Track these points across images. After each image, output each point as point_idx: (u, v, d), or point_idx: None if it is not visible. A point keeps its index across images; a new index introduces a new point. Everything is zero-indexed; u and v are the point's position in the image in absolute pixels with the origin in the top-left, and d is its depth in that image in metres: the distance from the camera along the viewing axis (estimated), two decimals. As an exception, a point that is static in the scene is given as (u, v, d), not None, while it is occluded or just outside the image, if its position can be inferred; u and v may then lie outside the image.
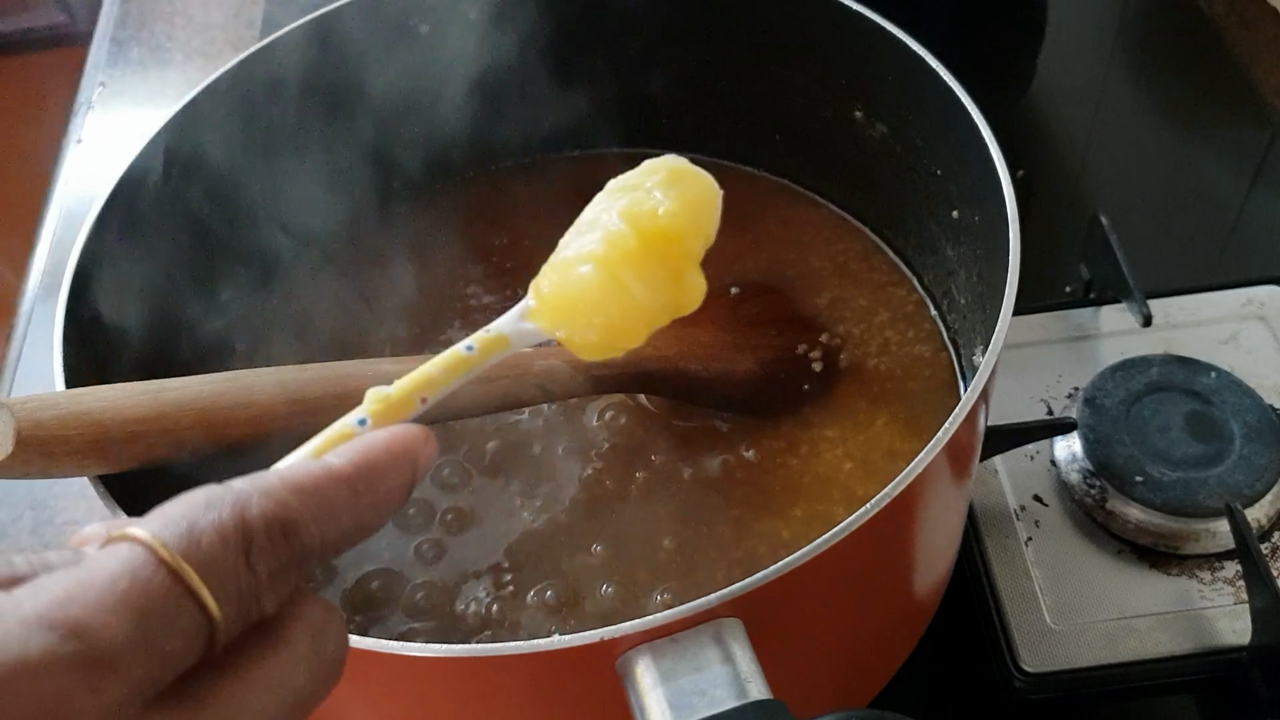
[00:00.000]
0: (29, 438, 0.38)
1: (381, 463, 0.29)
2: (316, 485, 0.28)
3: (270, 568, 0.26)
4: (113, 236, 0.51)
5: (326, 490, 0.28)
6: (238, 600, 0.25)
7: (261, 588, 0.26)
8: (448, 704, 0.43)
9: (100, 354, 0.49)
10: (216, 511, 0.26)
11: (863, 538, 0.38)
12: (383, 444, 0.30)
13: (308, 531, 0.27)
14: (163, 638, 0.24)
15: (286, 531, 0.26)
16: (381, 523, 0.30)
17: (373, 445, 0.30)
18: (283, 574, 0.26)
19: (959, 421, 0.40)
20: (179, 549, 0.25)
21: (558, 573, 0.51)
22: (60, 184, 0.86)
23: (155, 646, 0.24)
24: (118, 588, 0.24)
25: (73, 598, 0.23)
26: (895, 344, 0.60)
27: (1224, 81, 0.86)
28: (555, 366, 0.52)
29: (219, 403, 0.43)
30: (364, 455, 0.29)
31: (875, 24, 0.55)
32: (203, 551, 0.25)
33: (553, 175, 0.69)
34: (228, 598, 0.25)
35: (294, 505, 0.27)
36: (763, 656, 0.36)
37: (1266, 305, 0.67)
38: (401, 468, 0.30)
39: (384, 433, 0.30)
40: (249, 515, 0.26)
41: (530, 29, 0.63)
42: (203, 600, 0.25)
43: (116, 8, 1.01)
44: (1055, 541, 0.58)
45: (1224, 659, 0.54)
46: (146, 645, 0.24)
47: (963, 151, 0.52)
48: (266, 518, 0.26)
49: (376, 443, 0.30)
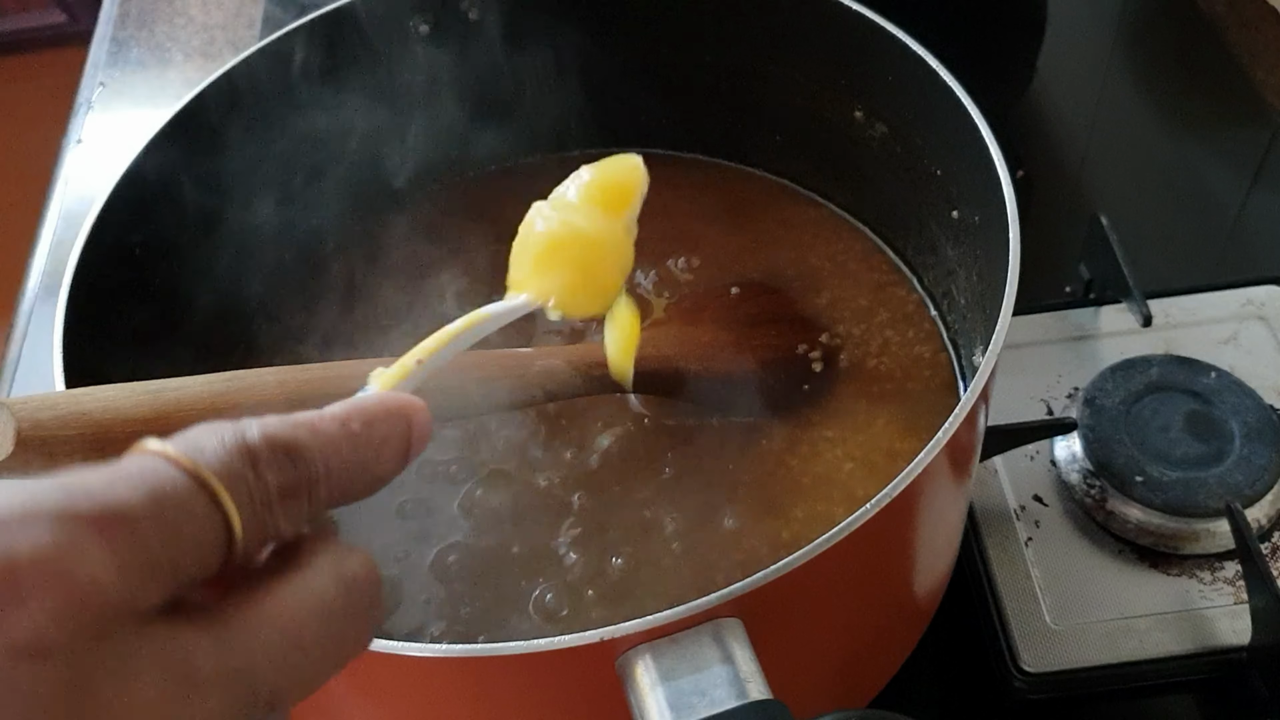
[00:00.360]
0: (29, 437, 0.38)
1: (374, 411, 0.29)
2: (313, 422, 0.28)
3: (279, 481, 0.26)
4: (113, 236, 0.51)
5: (323, 426, 0.28)
6: (251, 507, 0.25)
7: (273, 499, 0.26)
8: (448, 704, 0.43)
9: (100, 354, 0.49)
10: (219, 434, 0.26)
11: (863, 538, 0.38)
12: (375, 399, 0.30)
13: (310, 455, 0.27)
14: (183, 522, 0.24)
15: (289, 452, 0.26)
16: (383, 472, 0.29)
17: (365, 399, 0.30)
18: (293, 494, 0.26)
19: (959, 421, 0.40)
20: (194, 459, 0.25)
21: (557, 574, 0.51)
22: (60, 184, 0.86)
23: (175, 529, 0.23)
24: (136, 476, 0.24)
25: (91, 479, 0.23)
26: (895, 344, 0.60)
27: (1224, 81, 0.86)
28: (555, 366, 0.52)
29: (219, 403, 0.43)
30: (357, 405, 0.29)
31: (875, 24, 0.55)
32: (212, 458, 0.25)
33: (553, 176, 0.69)
34: (242, 503, 0.25)
35: (293, 431, 0.27)
36: (763, 656, 0.36)
37: (1266, 305, 0.67)
38: (395, 420, 0.30)
39: (381, 397, 0.31)
40: (250, 435, 0.26)
41: (530, 31, 0.63)
42: (219, 498, 0.24)
43: (116, 8, 1.01)
44: (1055, 541, 0.58)
45: (1224, 659, 0.54)
46: (166, 526, 0.23)
47: (963, 151, 0.52)
48: (268, 437, 0.26)
49: (369, 398, 0.30)
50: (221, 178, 0.57)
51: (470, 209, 0.68)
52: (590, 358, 0.53)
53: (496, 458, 0.55)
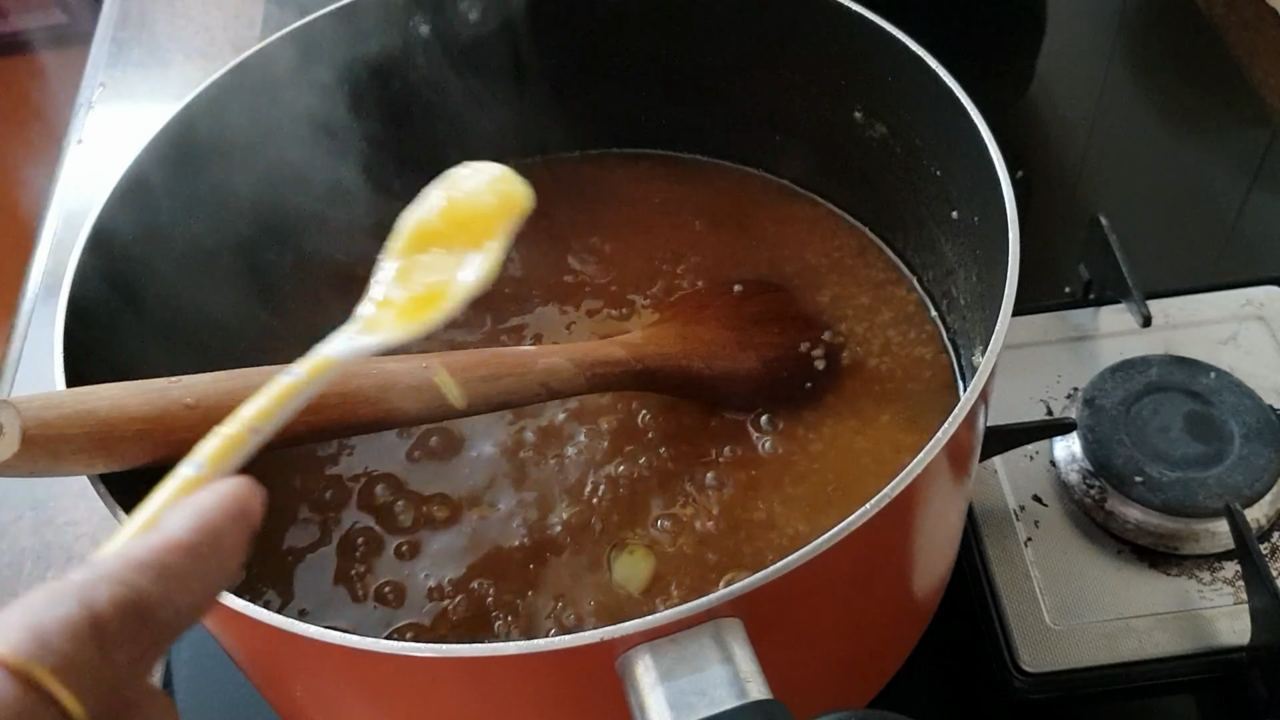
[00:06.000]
0: (34, 436, 0.38)
1: (217, 523, 0.28)
2: (159, 559, 0.27)
3: (130, 655, 0.25)
4: (113, 236, 0.51)
5: (170, 562, 0.27)
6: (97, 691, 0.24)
7: (122, 678, 0.25)
8: (448, 704, 0.43)
9: (101, 354, 0.49)
10: (63, 609, 0.24)
11: (862, 538, 0.38)
12: (215, 504, 0.29)
13: (162, 609, 0.26)
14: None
15: (141, 614, 0.25)
16: (230, 582, 0.29)
17: (206, 508, 0.29)
18: (143, 658, 0.26)
19: (958, 422, 0.40)
20: (28, 654, 0.23)
21: (556, 574, 0.51)
22: (61, 184, 0.86)
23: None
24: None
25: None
26: (896, 344, 0.60)
27: (1224, 81, 0.86)
28: (558, 364, 0.52)
29: (225, 401, 0.43)
30: (199, 519, 0.28)
31: (875, 24, 0.55)
32: (54, 653, 0.24)
33: (553, 175, 0.69)
34: (88, 694, 0.24)
35: (142, 585, 0.26)
36: (763, 656, 0.36)
37: (1266, 305, 0.67)
38: (239, 524, 0.29)
39: (213, 493, 0.29)
40: (97, 606, 0.25)
41: (530, 32, 0.63)
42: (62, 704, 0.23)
43: (116, 8, 1.01)
44: (1055, 542, 0.59)
45: (1223, 659, 0.54)
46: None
47: (962, 152, 0.52)
48: (116, 604, 0.25)
49: (208, 504, 0.29)
50: (221, 177, 0.57)
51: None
52: (593, 355, 0.53)
53: (486, 462, 0.55)
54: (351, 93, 0.61)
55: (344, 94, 0.61)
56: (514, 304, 0.63)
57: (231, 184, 0.57)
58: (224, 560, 0.28)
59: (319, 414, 0.45)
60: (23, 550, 0.67)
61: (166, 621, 0.26)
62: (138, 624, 0.25)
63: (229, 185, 0.57)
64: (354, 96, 0.61)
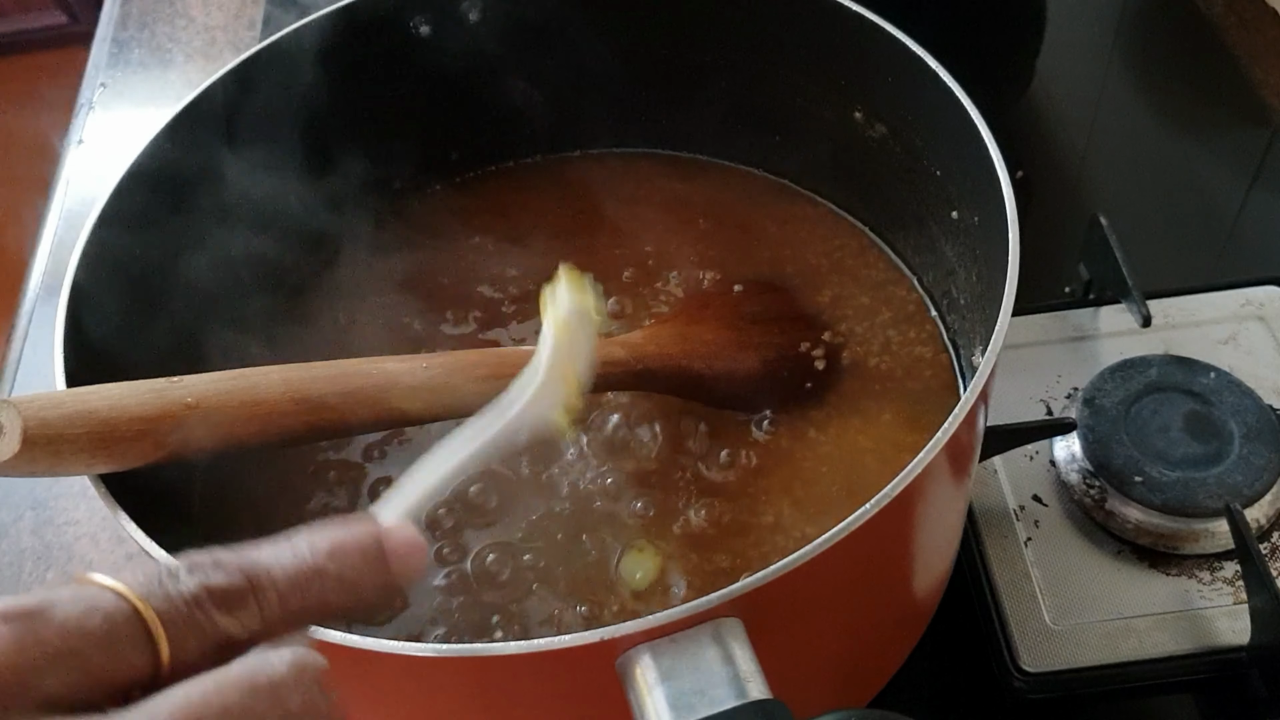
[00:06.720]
0: (35, 436, 0.38)
1: (351, 557, 0.30)
2: (269, 567, 0.28)
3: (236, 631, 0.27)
4: (114, 237, 0.51)
5: (278, 573, 0.28)
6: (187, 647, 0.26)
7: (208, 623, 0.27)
8: (448, 704, 0.43)
9: (101, 354, 0.49)
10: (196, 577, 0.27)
11: (863, 538, 0.38)
12: (356, 543, 0.30)
13: (263, 599, 0.28)
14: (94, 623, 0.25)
15: (231, 602, 0.27)
16: (352, 604, 0.30)
17: (345, 541, 0.30)
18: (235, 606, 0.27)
19: (958, 422, 0.40)
20: (146, 592, 0.26)
21: (556, 574, 0.51)
22: (61, 184, 0.86)
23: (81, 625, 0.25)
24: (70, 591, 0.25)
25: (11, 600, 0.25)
26: (896, 344, 0.60)
27: (1224, 81, 0.86)
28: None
29: (225, 401, 0.43)
30: (333, 546, 0.30)
31: (875, 24, 0.55)
32: (167, 602, 0.26)
33: (552, 175, 0.70)
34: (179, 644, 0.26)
35: (239, 579, 0.28)
36: (763, 656, 0.36)
37: (1265, 305, 0.67)
38: (374, 568, 0.30)
39: (365, 530, 0.30)
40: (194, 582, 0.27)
41: (530, 31, 0.63)
42: (157, 643, 0.26)
43: (117, 8, 1.01)
44: (1055, 541, 0.59)
45: (1223, 659, 0.54)
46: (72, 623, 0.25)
47: (962, 152, 0.52)
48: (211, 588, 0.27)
49: (350, 540, 0.30)
50: (222, 177, 0.57)
51: (470, 209, 0.68)
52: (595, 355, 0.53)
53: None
54: (351, 93, 0.61)
55: (344, 94, 0.61)
56: (514, 304, 0.63)
57: (232, 184, 0.57)
58: (352, 591, 0.30)
59: (319, 414, 0.45)
60: (23, 550, 0.67)
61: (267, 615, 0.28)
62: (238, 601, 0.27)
63: (229, 185, 0.57)
64: (354, 97, 0.61)
